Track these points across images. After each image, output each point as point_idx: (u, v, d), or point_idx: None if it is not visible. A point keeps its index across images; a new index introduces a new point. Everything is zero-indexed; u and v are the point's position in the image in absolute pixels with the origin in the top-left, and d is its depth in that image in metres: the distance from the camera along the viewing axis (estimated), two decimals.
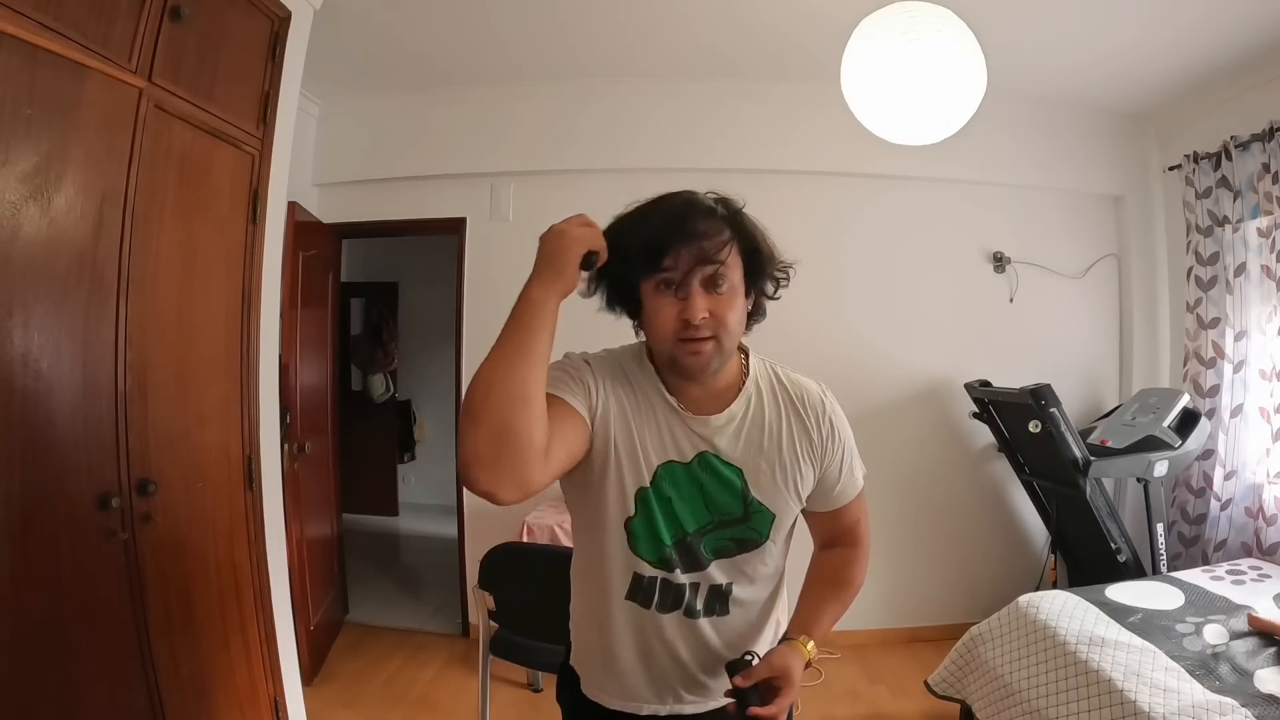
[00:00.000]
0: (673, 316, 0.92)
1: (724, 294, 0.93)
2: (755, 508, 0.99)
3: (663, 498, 0.97)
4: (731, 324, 0.93)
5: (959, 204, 3.26)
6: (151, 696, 1.56)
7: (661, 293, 0.93)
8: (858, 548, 1.12)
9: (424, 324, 5.33)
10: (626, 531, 0.98)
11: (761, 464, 0.99)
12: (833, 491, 1.06)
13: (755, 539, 1.00)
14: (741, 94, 3.09)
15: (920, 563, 3.26)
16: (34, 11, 1.26)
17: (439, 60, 2.91)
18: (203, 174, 1.76)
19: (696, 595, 1.00)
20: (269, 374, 2.05)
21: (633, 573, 0.99)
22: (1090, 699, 1.78)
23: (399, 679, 2.85)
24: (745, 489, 0.99)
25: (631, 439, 0.97)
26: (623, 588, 1.00)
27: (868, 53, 1.76)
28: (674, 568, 0.98)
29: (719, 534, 0.99)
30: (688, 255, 0.91)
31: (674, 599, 0.99)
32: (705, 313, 0.91)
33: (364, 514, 5.04)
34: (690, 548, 0.98)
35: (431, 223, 3.31)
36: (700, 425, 0.98)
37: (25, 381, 1.30)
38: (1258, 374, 2.77)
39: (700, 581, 1.00)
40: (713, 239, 0.92)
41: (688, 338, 0.92)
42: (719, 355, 0.94)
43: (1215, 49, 2.60)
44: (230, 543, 1.88)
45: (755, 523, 1.00)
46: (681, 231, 0.92)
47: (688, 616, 1.00)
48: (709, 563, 0.99)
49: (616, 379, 0.99)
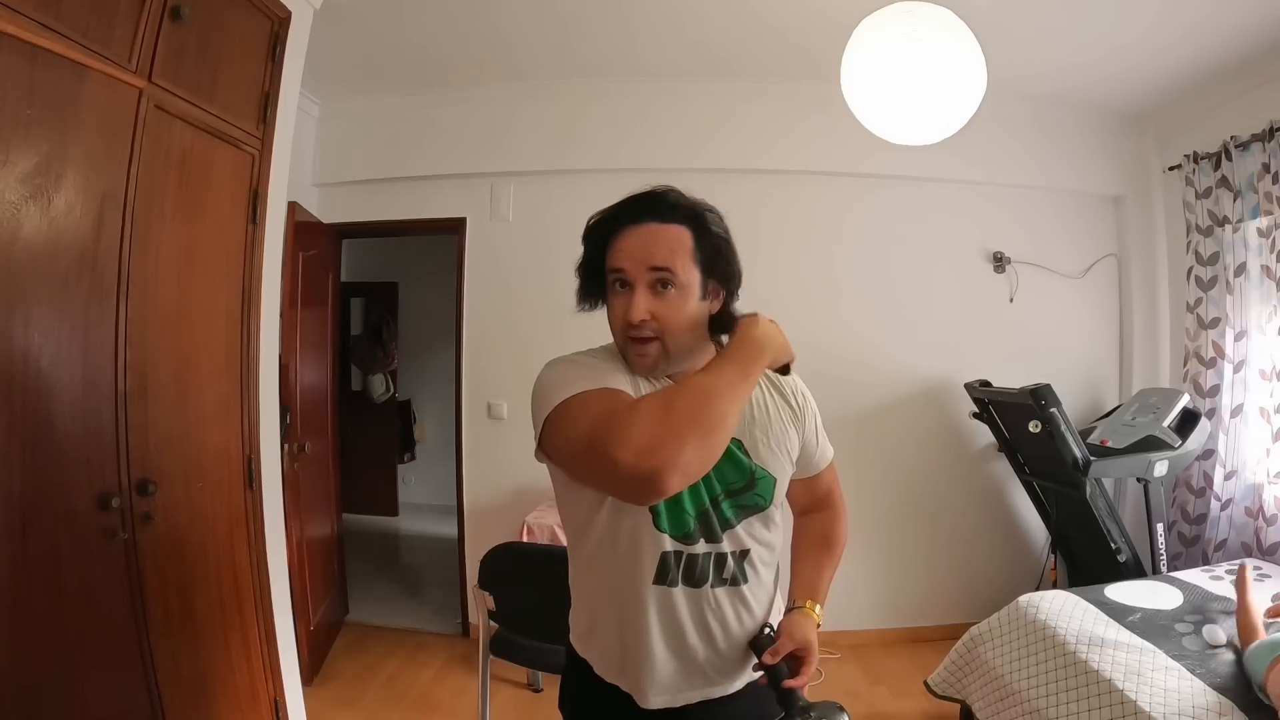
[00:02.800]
0: (620, 314, 0.95)
1: (670, 296, 0.93)
2: (759, 473, 1.02)
3: None
4: (676, 326, 0.94)
5: (959, 204, 3.26)
6: (151, 696, 1.56)
7: (615, 289, 0.96)
8: (835, 509, 1.20)
9: (424, 324, 5.33)
10: (652, 511, 0.96)
11: (756, 432, 1.02)
12: (814, 457, 1.13)
13: (761, 504, 1.03)
14: (742, 94, 3.09)
15: (920, 563, 3.26)
16: (34, 11, 1.26)
17: (439, 60, 2.91)
18: (203, 174, 1.76)
19: (722, 565, 1.01)
20: (269, 374, 2.05)
21: (660, 553, 0.98)
22: (1090, 699, 1.78)
23: (399, 679, 2.85)
24: (748, 456, 1.01)
25: None
26: (650, 572, 0.98)
27: (868, 52, 1.76)
28: (697, 539, 0.99)
29: (731, 502, 1.01)
30: (638, 254, 0.93)
31: (700, 572, 1.00)
32: (647, 314, 0.92)
33: (364, 514, 5.04)
34: (710, 516, 1.00)
35: (431, 223, 3.31)
36: None
37: (25, 381, 1.30)
38: (1258, 374, 2.77)
39: (723, 550, 1.01)
40: (663, 240, 0.93)
41: (632, 337, 0.94)
42: (665, 359, 0.96)
43: (1215, 49, 2.60)
44: (230, 543, 1.88)
45: (760, 488, 1.02)
46: (636, 230, 0.94)
47: (714, 587, 1.01)
48: (730, 526, 1.01)
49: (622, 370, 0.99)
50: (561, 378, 0.93)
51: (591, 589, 1.05)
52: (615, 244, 0.95)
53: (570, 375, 0.93)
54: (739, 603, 1.03)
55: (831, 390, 3.24)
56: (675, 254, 0.93)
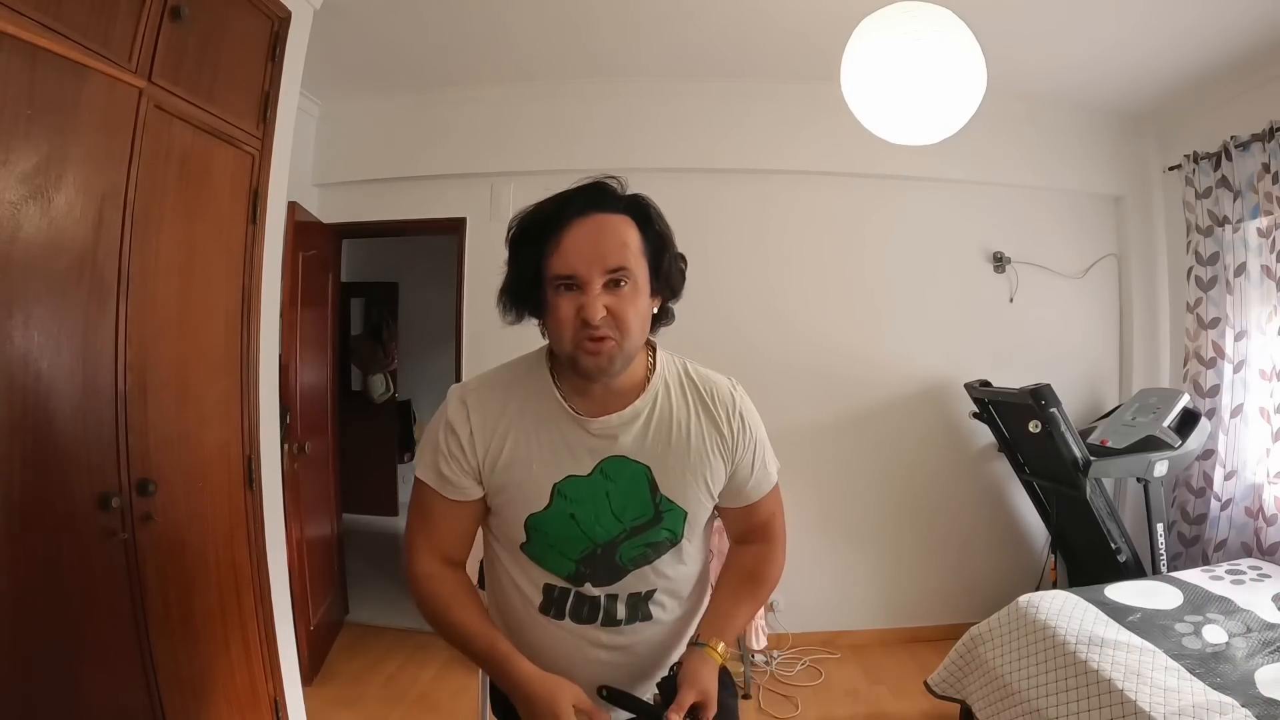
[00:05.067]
0: (571, 316, 0.89)
1: (625, 293, 0.89)
2: (665, 506, 0.97)
3: (563, 516, 0.95)
4: (632, 324, 0.90)
5: (959, 204, 3.26)
6: (151, 696, 1.56)
7: (561, 292, 0.89)
8: (772, 544, 1.10)
9: (424, 324, 5.33)
10: (525, 554, 0.97)
11: (670, 459, 0.97)
12: (745, 487, 1.04)
13: (669, 539, 0.98)
14: (744, 94, 3.09)
15: (920, 563, 3.26)
16: (34, 11, 1.26)
17: (439, 60, 2.91)
18: (203, 174, 1.76)
19: (615, 604, 0.98)
20: (269, 374, 2.05)
21: (543, 585, 0.98)
22: (1090, 699, 1.78)
23: (399, 679, 2.85)
24: (654, 487, 0.96)
25: (522, 471, 0.95)
26: (535, 599, 0.99)
27: (868, 52, 1.76)
28: (584, 581, 0.96)
29: (633, 541, 0.97)
30: (588, 253, 0.88)
31: (589, 610, 0.98)
32: (604, 311, 0.88)
33: (364, 514, 5.03)
34: (603, 560, 0.97)
35: (431, 223, 3.31)
36: (601, 427, 0.95)
37: (25, 381, 1.30)
38: (1258, 374, 2.77)
39: (618, 592, 0.98)
40: (612, 233, 0.89)
41: (586, 337, 0.88)
42: (619, 356, 0.91)
43: (1215, 49, 2.60)
44: (230, 543, 1.88)
45: (668, 522, 0.98)
46: (581, 224, 0.89)
47: (607, 625, 0.98)
48: (626, 572, 0.97)
49: (504, 410, 0.97)
50: (422, 446, 1.02)
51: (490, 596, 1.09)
52: (558, 246, 0.89)
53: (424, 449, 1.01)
54: (645, 638, 1.00)
55: (832, 389, 3.27)
56: (627, 250, 0.89)
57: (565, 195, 0.92)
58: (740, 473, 1.02)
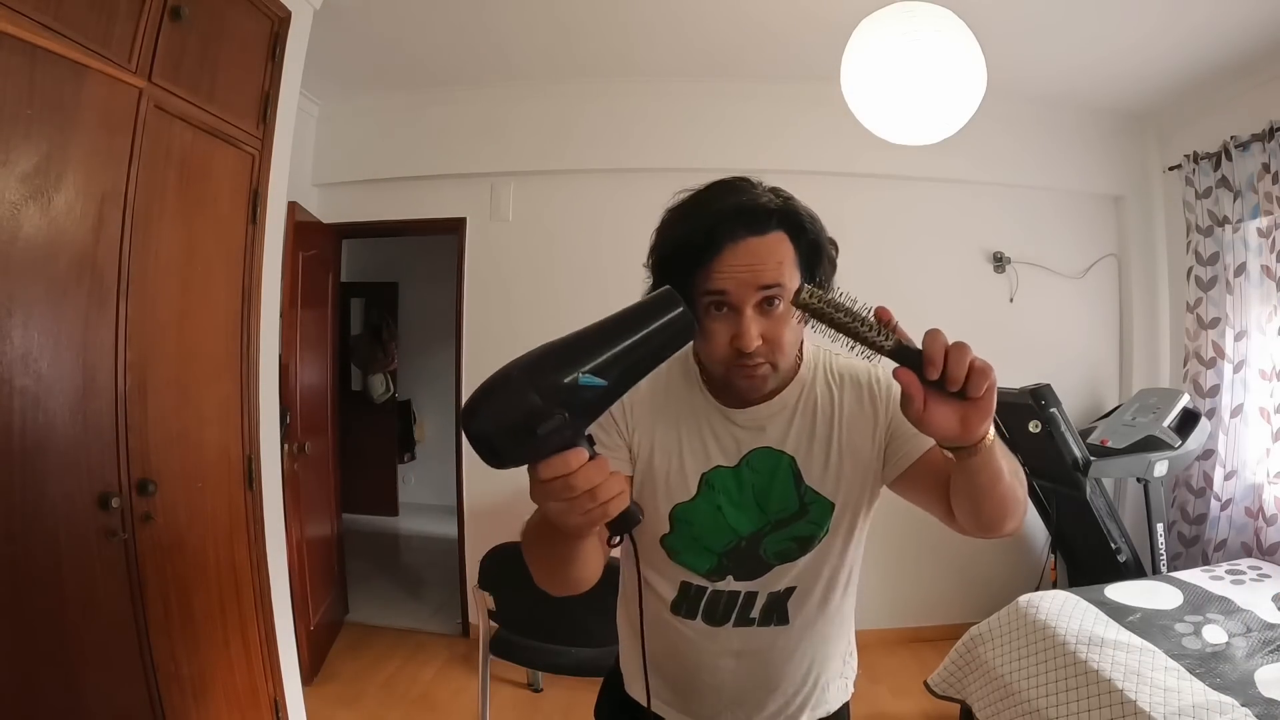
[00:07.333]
0: (725, 341, 0.83)
1: (779, 314, 0.84)
2: (811, 498, 0.93)
3: (710, 507, 0.93)
4: (787, 345, 0.85)
5: (959, 204, 3.26)
6: (151, 696, 1.56)
7: (711, 313, 0.84)
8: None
9: (424, 324, 5.33)
10: (664, 548, 0.95)
11: (814, 449, 0.93)
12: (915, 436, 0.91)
13: (815, 533, 0.94)
14: (741, 94, 3.08)
15: (920, 563, 3.26)
16: (34, 11, 1.26)
17: (439, 60, 2.91)
18: (203, 174, 1.76)
19: (753, 603, 0.96)
20: (269, 374, 2.05)
21: (679, 582, 0.96)
22: (1090, 699, 1.78)
23: (399, 679, 2.85)
24: (799, 478, 0.93)
25: (669, 460, 0.93)
26: (669, 596, 0.97)
27: (868, 52, 1.76)
28: (726, 574, 0.94)
29: (778, 535, 0.94)
30: (743, 274, 0.81)
31: (724, 608, 0.96)
32: (759, 339, 0.82)
33: (364, 514, 5.04)
34: (748, 554, 0.94)
35: (431, 223, 3.31)
36: (749, 418, 0.93)
37: (25, 381, 1.30)
38: (1258, 374, 2.77)
39: (758, 589, 0.95)
40: (767, 254, 0.83)
41: (740, 364, 0.84)
42: (774, 377, 0.88)
43: (1216, 50, 2.60)
44: (230, 543, 1.88)
45: (813, 515, 0.94)
46: (736, 253, 0.81)
47: (740, 625, 0.95)
48: (770, 567, 0.95)
49: (651, 398, 0.95)
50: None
51: (621, 616, 1.07)
52: (708, 266, 0.82)
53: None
54: (780, 644, 0.97)
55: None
56: (783, 267, 0.83)
57: (714, 217, 0.83)
58: (900, 430, 0.92)
